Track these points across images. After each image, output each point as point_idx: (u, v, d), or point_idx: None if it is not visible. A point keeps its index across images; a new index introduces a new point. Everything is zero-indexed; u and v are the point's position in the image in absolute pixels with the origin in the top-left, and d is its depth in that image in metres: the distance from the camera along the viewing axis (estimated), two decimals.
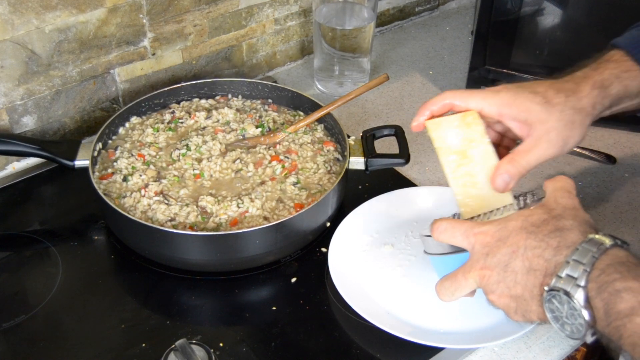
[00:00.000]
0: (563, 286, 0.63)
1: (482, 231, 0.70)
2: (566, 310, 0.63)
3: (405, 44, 1.47)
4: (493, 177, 0.76)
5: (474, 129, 0.78)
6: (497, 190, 0.76)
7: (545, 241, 0.67)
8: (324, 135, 1.07)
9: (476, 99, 0.78)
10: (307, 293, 0.90)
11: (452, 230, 0.72)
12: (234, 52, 1.28)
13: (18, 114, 1.07)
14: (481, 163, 0.78)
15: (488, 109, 0.78)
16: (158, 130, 1.06)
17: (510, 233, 0.69)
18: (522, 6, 1.13)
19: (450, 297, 0.74)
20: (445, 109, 0.79)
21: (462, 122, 0.78)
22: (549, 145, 0.75)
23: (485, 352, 0.83)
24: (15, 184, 1.07)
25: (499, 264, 0.68)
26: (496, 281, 0.69)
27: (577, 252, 0.64)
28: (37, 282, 0.91)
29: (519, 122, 0.77)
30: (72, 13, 1.04)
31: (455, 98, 0.79)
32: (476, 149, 0.78)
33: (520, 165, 0.75)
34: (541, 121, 0.75)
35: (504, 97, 0.77)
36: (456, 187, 0.78)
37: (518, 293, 0.68)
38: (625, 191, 1.08)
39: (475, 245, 0.70)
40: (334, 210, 0.96)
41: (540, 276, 0.66)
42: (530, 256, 0.67)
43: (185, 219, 0.90)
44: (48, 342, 0.83)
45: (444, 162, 0.79)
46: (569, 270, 0.63)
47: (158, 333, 0.84)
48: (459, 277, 0.72)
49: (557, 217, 0.68)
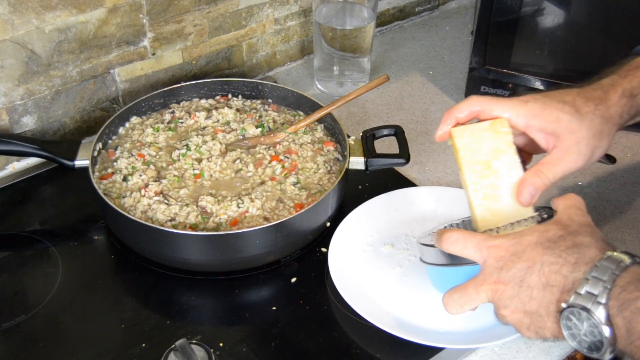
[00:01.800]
0: (582, 303, 0.62)
1: (496, 244, 0.69)
2: (585, 327, 0.62)
3: (405, 44, 1.47)
4: (519, 190, 0.74)
5: (502, 138, 0.75)
6: (522, 204, 0.74)
7: (563, 257, 0.65)
8: (324, 135, 1.07)
9: (503, 108, 0.76)
10: (307, 293, 0.90)
11: (464, 242, 0.70)
12: (234, 52, 1.28)
13: (18, 114, 1.07)
14: (506, 175, 0.75)
15: (515, 119, 0.75)
16: (158, 130, 1.06)
17: (525, 248, 0.67)
18: (522, 6, 1.13)
19: (458, 310, 0.72)
20: (471, 116, 0.77)
21: (492, 130, 0.75)
22: (577, 157, 0.74)
23: (485, 352, 0.83)
24: (15, 184, 1.07)
25: (514, 279, 0.67)
26: (510, 296, 0.67)
27: (596, 269, 0.63)
28: (37, 282, 0.91)
29: (546, 134, 0.74)
30: (72, 13, 1.04)
31: (482, 105, 0.76)
32: (502, 160, 0.75)
33: (547, 178, 0.73)
34: (571, 131, 0.73)
35: (533, 107, 0.75)
36: (476, 199, 0.75)
37: (533, 309, 0.66)
38: (625, 191, 1.08)
39: (488, 259, 0.69)
40: (334, 210, 0.96)
41: (557, 292, 0.65)
42: (547, 272, 0.65)
43: (185, 219, 0.90)
44: (48, 342, 0.83)
45: (467, 172, 0.76)
46: (588, 287, 0.62)
47: (158, 333, 0.84)
48: (470, 290, 0.70)
49: (574, 233, 0.67)
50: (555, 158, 0.74)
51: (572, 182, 1.09)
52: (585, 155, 0.74)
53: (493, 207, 0.75)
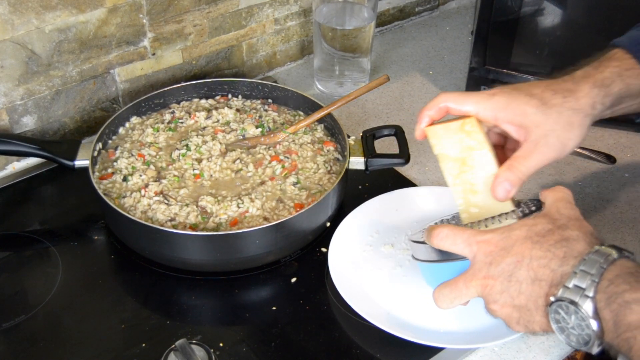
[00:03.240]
0: (570, 296, 0.62)
1: (485, 240, 0.69)
2: (573, 321, 0.63)
3: (405, 44, 1.47)
4: (493, 186, 0.74)
5: (473, 136, 0.76)
6: (498, 200, 0.74)
7: (552, 251, 0.66)
8: (324, 135, 1.07)
9: (470, 103, 0.76)
10: (307, 293, 0.90)
11: (453, 238, 0.71)
12: (234, 52, 1.28)
13: (18, 114, 1.07)
14: (481, 171, 0.76)
15: (483, 113, 0.76)
16: (158, 130, 1.06)
17: (514, 242, 0.68)
18: (522, 6, 1.13)
19: (448, 305, 0.73)
20: (442, 113, 0.78)
21: (461, 130, 0.77)
22: (547, 149, 0.74)
23: (485, 352, 0.83)
24: (15, 184, 1.07)
25: (503, 274, 0.67)
26: (499, 291, 0.68)
27: (584, 263, 0.63)
28: (37, 282, 0.91)
29: (516, 126, 0.75)
30: (72, 13, 1.04)
31: (449, 101, 0.77)
32: (476, 157, 0.76)
33: (520, 172, 0.73)
34: (538, 124, 0.73)
35: (499, 100, 0.75)
36: (457, 193, 0.77)
37: (522, 303, 0.67)
38: (625, 191, 1.08)
39: (478, 254, 0.69)
40: (334, 210, 0.96)
41: (545, 286, 0.65)
42: (536, 266, 0.66)
43: (185, 219, 0.90)
44: (48, 342, 0.83)
45: (445, 169, 0.78)
46: (576, 281, 0.62)
47: (158, 333, 0.84)
48: (460, 285, 0.70)
49: (562, 227, 0.68)
50: (526, 151, 0.74)
51: (572, 182, 1.09)
52: (555, 147, 0.74)
53: (473, 201, 0.77)
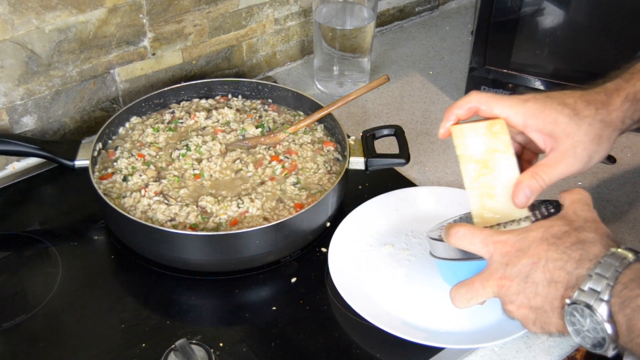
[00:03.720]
0: (585, 299, 0.62)
1: (502, 240, 0.69)
2: (588, 324, 0.63)
3: (405, 44, 1.47)
4: (515, 191, 0.74)
5: (500, 138, 0.75)
6: (517, 206, 0.74)
7: (567, 253, 0.66)
8: (324, 135, 1.07)
9: (502, 106, 0.75)
10: (307, 293, 0.90)
11: (470, 237, 0.71)
12: (234, 52, 1.28)
13: (18, 114, 1.07)
14: (502, 175, 0.75)
15: (513, 118, 0.75)
16: (158, 130, 1.06)
17: (530, 244, 0.67)
18: (522, 6, 1.13)
19: (465, 304, 0.73)
20: (471, 113, 0.77)
21: (489, 131, 0.76)
22: (574, 160, 0.73)
23: (485, 352, 0.83)
24: (15, 184, 1.07)
25: (519, 275, 0.67)
26: (516, 292, 0.68)
27: (599, 266, 0.63)
28: (37, 282, 0.91)
29: (544, 135, 0.74)
30: (72, 13, 1.04)
31: (481, 102, 0.76)
32: (499, 160, 0.75)
33: (543, 180, 0.73)
34: (568, 134, 0.73)
35: (532, 107, 0.74)
36: (473, 197, 0.76)
37: (538, 304, 0.67)
38: (625, 191, 1.08)
39: (494, 255, 0.69)
40: (334, 210, 0.96)
41: (561, 288, 0.65)
42: (552, 268, 0.66)
43: (185, 219, 0.90)
44: (48, 342, 0.83)
45: (464, 171, 0.76)
46: (591, 284, 0.62)
47: (158, 333, 0.84)
48: (477, 285, 0.70)
49: (578, 229, 0.67)
50: (552, 161, 0.74)
51: (572, 182, 1.09)
52: (582, 159, 0.73)
53: (489, 206, 0.76)
